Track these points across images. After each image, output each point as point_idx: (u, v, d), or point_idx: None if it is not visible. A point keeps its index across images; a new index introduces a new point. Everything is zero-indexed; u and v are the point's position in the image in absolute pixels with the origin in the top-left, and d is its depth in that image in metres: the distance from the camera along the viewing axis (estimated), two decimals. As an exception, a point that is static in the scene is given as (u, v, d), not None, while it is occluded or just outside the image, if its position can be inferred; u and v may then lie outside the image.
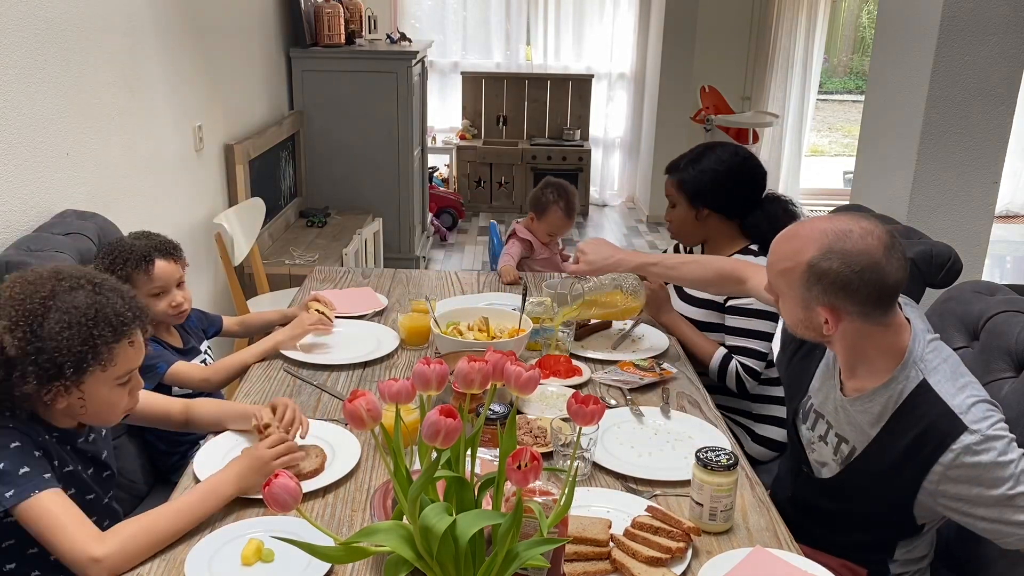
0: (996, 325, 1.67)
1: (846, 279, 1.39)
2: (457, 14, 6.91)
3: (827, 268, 1.39)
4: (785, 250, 1.47)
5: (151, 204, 2.86)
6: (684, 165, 2.22)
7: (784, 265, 1.46)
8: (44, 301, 1.34)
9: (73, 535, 1.27)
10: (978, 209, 2.77)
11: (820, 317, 1.44)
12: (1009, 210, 7.23)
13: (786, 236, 1.49)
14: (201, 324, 2.22)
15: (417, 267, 4.95)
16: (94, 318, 1.36)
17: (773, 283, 1.53)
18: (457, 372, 1.09)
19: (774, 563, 1.32)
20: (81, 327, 1.34)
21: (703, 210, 2.21)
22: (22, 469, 1.30)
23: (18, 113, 2.07)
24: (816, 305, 1.43)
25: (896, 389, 1.44)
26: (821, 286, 1.41)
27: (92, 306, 1.37)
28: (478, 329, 2.05)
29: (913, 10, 2.74)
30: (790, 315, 1.51)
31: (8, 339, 1.31)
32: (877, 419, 1.47)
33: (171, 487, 1.54)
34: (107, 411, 1.44)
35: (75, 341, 1.33)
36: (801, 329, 1.51)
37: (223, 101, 3.56)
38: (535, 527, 1.12)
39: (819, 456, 1.62)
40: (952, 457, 1.36)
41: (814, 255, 1.41)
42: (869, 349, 1.46)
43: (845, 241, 1.40)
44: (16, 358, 1.31)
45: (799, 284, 1.43)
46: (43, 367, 1.32)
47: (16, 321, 1.32)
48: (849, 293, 1.40)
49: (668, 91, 6.36)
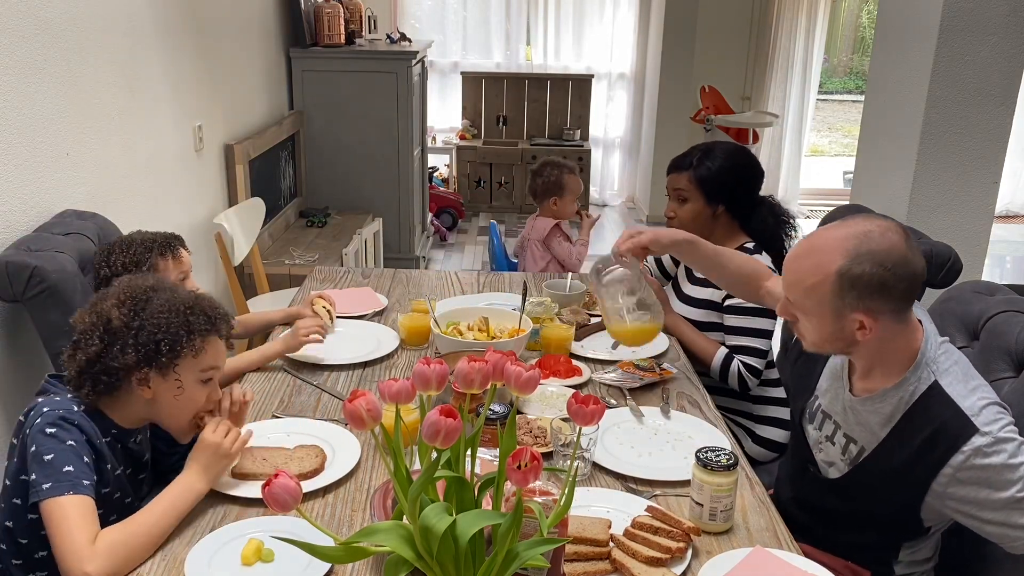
0: (996, 325, 1.66)
1: (881, 279, 1.36)
2: (457, 14, 6.91)
3: (860, 272, 1.36)
4: (807, 266, 1.43)
5: (151, 204, 2.86)
6: (698, 161, 2.21)
7: (811, 280, 1.41)
8: (148, 290, 1.49)
9: (75, 543, 1.27)
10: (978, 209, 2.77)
11: (853, 325, 1.40)
12: (1009, 210, 7.23)
13: (802, 253, 1.45)
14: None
15: (417, 267, 4.95)
16: (191, 308, 1.49)
17: (796, 302, 1.47)
18: (457, 372, 1.09)
19: (774, 563, 1.32)
20: (180, 313, 1.47)
21: (719, 207, 2.20)
22: (66, 467, 1.34)
23: (18, 113, 2.07)
24: (850, 313, 1.39)
25: (908, 390, 1.44)
26: (856, 292, 1.37)
27: (191, 298, 1.51)
28: (478, 329, 2.05)
29: (913, 10, 2.74)
30: (817, 332, 1.46)
31: (115, 312, 1.44)
32: (887, 420, 1.47)
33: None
34: (190, 407, 1.52)
35: (173, 324, 1.45)
36: (829, 344, 1.47)
37: (223, 101, 3.56)
38: (535, 527, 1.12)
39: (826, 456, 1.61)
40: (962, 459, 1.36)
41: (843, 263, 1.37)
42: (890, 351, 1.45)
43: (869, 242, 1.37)
44: (119, 330, 1.43)
45: (830, 296, 1.39)
46: (142, 343, 1.43)
47: (123, 300, 1.46)
48: (885, 292, 1.37)
49: (668, 91, 6.36)
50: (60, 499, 1.31)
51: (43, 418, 1.39)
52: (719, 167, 2.19)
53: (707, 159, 2.21)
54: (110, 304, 1.46)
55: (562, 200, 3.34)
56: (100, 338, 1.43)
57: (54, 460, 1.34)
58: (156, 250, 1.97)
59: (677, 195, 2.26)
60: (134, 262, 1.94)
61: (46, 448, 1.35)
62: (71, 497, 1.31)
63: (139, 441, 1.59)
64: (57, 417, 1.39)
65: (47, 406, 1.42)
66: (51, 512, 1.31)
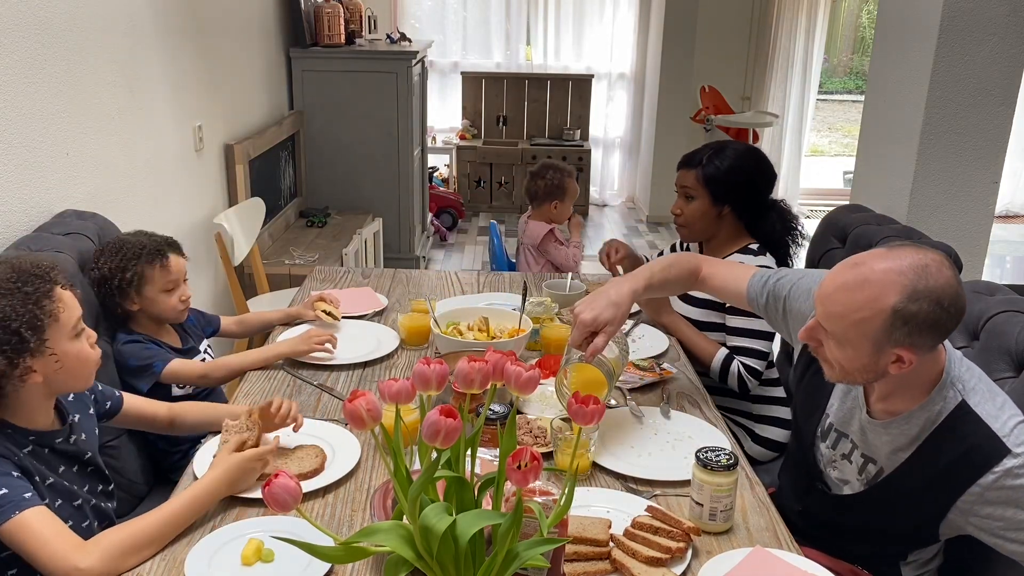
0: (996, 325, 1.66)
1: (936, 318, 1.31)
2: (457, 14, 6.91)
3: (916, 311, 1.30)
4: (859, 299, 1.34)
5: (151, 204, 2.86)
6: (707, 159, 2.19)
7: (860, 315, 1.34)
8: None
9: (55, 549, 1.25)
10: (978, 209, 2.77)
11: (890, 359, 1.35)
12: (1009, 210, 7.23)
13: (853, 285, 1.35)
14: (200, 324, 2.22)
15: (417, 267, 4.95)
16: (18, 279, 1.36)
17: (835, 332, 1.39)
18: (457, 372, 1.09)
19: (774, 563, 1.32)
20: (14, 292, 1.35)
21: (724, 207, 2.20)
22: (1, 491, 1.28)
23: (18, 113, 2.07)
24: (892, 348, 1.34)
25: (934, 410, 1.40)
26: (907, 329, 1.31)
27: (11, 270, 1.38)
28: (478, 329, 2.05)
29: (913, 10, 2.73)
30: (849, 362, 1.39)
31: None
32: (912, 440, 1.43)
33: (171, 487, 1.54)
34: (82, 366, 1.44)
35: (16, 304, 1.34)
36: (858, 375, 1.41)
37: (223, 101, 3.56)
38: (535, 527, 1.12)
39: (841, 474, 1.58)
40: (993, 479, 1.34)
41: (899, 300, 1.31)
42: (914, 377, 1.40)
43: (927, 278, 1.31)
44: None
45: (879, 331, 1.33)
46: (2, 342, 1.32)
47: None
48: (935, 330, 1.33)
49: (668, 91, 6.36)
50: (13, 520, 1.26)
51: None
52: (728, 167, 2.17)
53: (717, 158, 2.19)
54: None
55: (562, 204, 3.35)
56: None
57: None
58: (144, 258, 1.96)
59: (684, 192, 2.24)
60: (120, 267, 1.93)
61: None
62: (23, 514, 1.27)
63: (74, 441, 1.51)
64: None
65: None
66: (13, 535, 1.27)
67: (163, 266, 1.98)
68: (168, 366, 1.95)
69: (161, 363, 1.95)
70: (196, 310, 2.22)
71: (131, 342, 1.98)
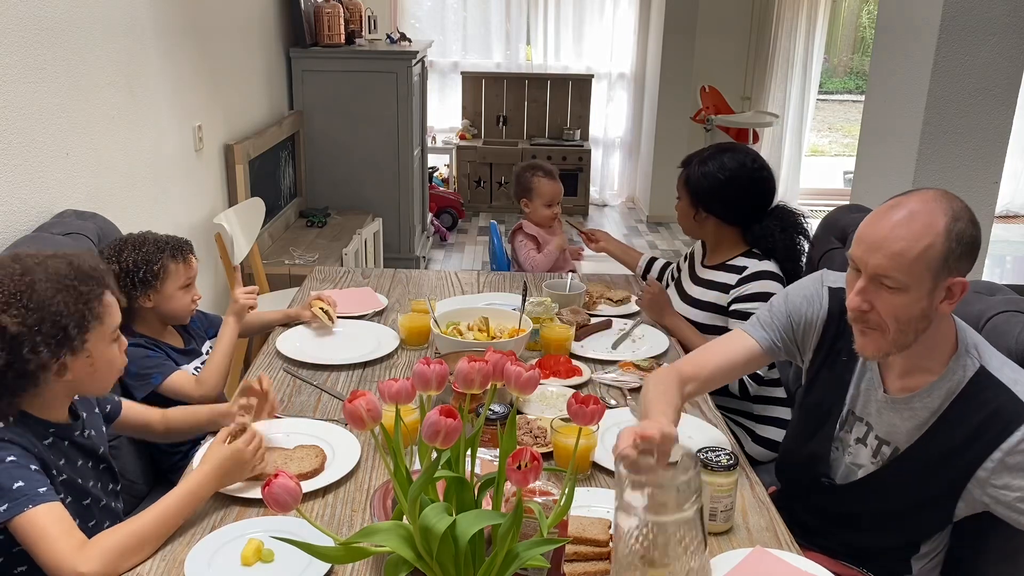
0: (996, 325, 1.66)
1: (973, 235, 1.34)
2: (457, 14, 6.91)
3: (963, 228, 1.33)
4: (916, 230, 1.32)
5: (151, 204, 2.86)
6: (694, 163, 2.22)
7: (923, 243, 1.31)
8: (22, 277, 1.36)
9: (60, 549, 1.25)
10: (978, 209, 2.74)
11: (941, 295, 1.35)
12: (1009, 210, 7.23)
13: (904, 220, 1.33)
14: (202, 325, 2.22)
15: (417, 267, 4.95)
16: (76, 277, 1.40)
17: (896, 279, 1.34)
18: (457, 372, 1.09)
19: (774, 563, 1.32)
20: (69, 288, 1.38)
21: (701, 211, 2.21)
22: (16, 484, 1.29)
23: (18, 113, 2.07)
24: (947, 276, 1.33)
25: (954, 380, 1.41)
26: (960, 250, 1.33)
27: (70, 268, 1.41)
28: (478, 329, 2.05)
29: (913, 10, 2.74)
30: (907, 309, 1.35)
31: (6, 318, 1.32)
32: (934, 412, 1.43)
33: (171, 487, 1.53)
34: (110, 371, 1.48)
35: (69, 301, 1.37)
36: (911, 327, 1.37)
37: (223, 101, 3.56)
38: (535, 527, 1.12)
39: (855, 459, 1.57)
40: (1015, 442, 1.34)
41: (948, 220, 1.32)
42: (938, 338, 1.41)
43: (952, 201, 1.35)
44: (21, 333, 1.33)
45: (939, 258, 1.32)
46: (50, 335, 1.35)
47: (6, 301, 1.34)
48: (973, 250, 1.35)
49: (668, 91, 6.36)
50: (25, 515, 1.27)
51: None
52: (705, 175, 2.18)
53: (703, 164, 2.20)
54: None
55: (531, 204, 3.14)
56: (1, 349, 1.33)
57: (2, 482, 1.28)
58: (168, 252, 1.98)
59: (677, 190, 2.28)
60: (145, 260, 1.94)
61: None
62: (35, 509, 1.28)
63: (89, 436, 1.53)
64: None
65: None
66: (23, 529, 1.27)
67: (185, 263, 2.01)
68: (168, 380, 1.95)
69: (160, 375, 1.94)
70: (199, 311, 2.22)
71: (134, 346, 1.98)
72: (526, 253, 3.09)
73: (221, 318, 2.29)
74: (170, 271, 1.97)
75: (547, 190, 3.12)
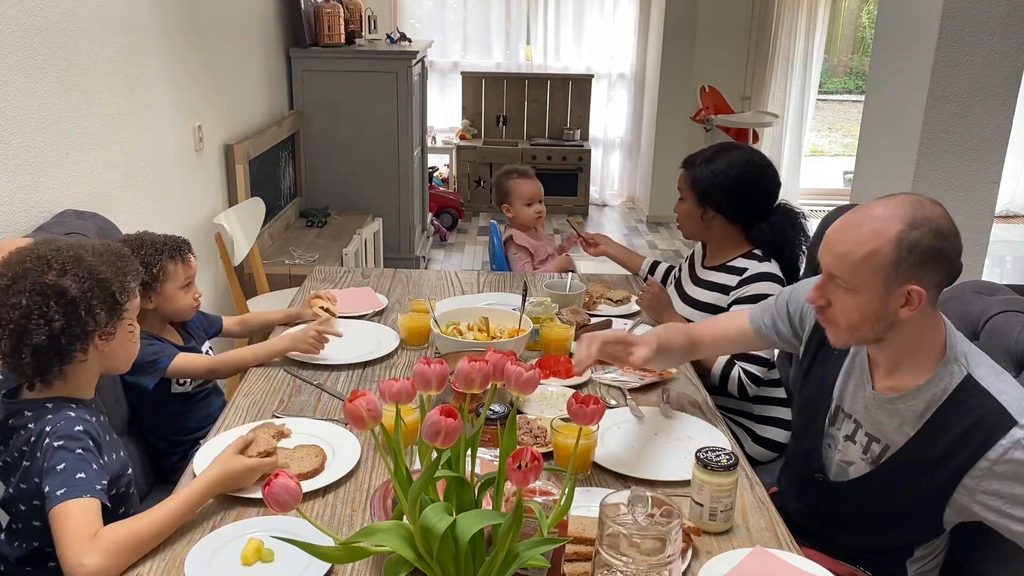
0: (996, 325, 1.66)
1: (938, 247, 1.34)
2: (457, 14, 6.91)
3: (919, 237, 1.33)
4: (863, 233, 1.37)
5: (151, 204, 2.86)
6: (699, 162, 2.21)
7: (868, 248, 1.35)
8: (67, 249, 1.45)
9: (74, 540, 1.28)
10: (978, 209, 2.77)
11: (900, 301, 1.36)
12: (1009, 210, 7.23)
13: (853, 224, 1.39)
14: (202, 325, 2.22)
15: (417, 267, 4.95)
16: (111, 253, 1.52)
17: (843, 278, 1.40)
18: (457, 372, 1.09)
19: (774, 563, 1.32)
20: (109, 263, 1.49)
21: (708, 211, 2.20)
22: (79, 475, 1.34)
23: (18, 113, 2.07)
24: (902, 284, 1.35)
25: (940, 386, 1.41)
26: (912, 259, 1.34)
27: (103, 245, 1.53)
28: (478, 329, 2.05)
29: (913, 10, 2.74)
30: (858, 311, 1.40)
31: (67, 281, 1.41)
32: (919, 416, 1.44)
33: (171, 487, 1.54)
34: (135, 347, 1.58)
35: (111, 272, 1.47)
36: (867, 326, 1.41)
37: (223, 101, 3.56)
38: (535, 527, 1.12)
39: (845, 456, 1.58)
40: (1001, 452, 1.34)
41: (902, 228, 1.34)
42: (921, 341, 1.42)
43: (923, 210, 1.35)
44: (80, 296, 1.41)
45: (886, 264, 1.35)
46: (103, 299, 1.44)
47: (64, 267, 1.42)
48: (938, 262, 1.35)
49: (668, 91, 6.36)
50: (68, 504, 1.31)
51: (50, 437, 1.39)
52: (714, 172, 2.17)
53: (709, 162, 2.19)
54: (52, 277, 1.40)
55: (512, 206, 3.11)
56: (59, 312, 1.39)
57: (67, 468, 1.35)
58: (167, 253, 1.97)
59: (679, 191, 2.27)
60: (144, 262, 1.93)
61: (58, 459, 1.36)
62: (81, 500, 1.32)
63: (104, 419, 1.58)
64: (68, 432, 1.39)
65: (49, 426, 1.41)
66: (60, 514, 1.31)
67: (184, 262, 2.01)
68: (174, 362, 1.95)
69: (167, 359, 1.94)
70: (198, 311, 2.22)
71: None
72: (521, 267, 3.09)
73: (220, 318, 2.29)
74: (169, 272, 1.97)
75: (524, 189, 3.10)
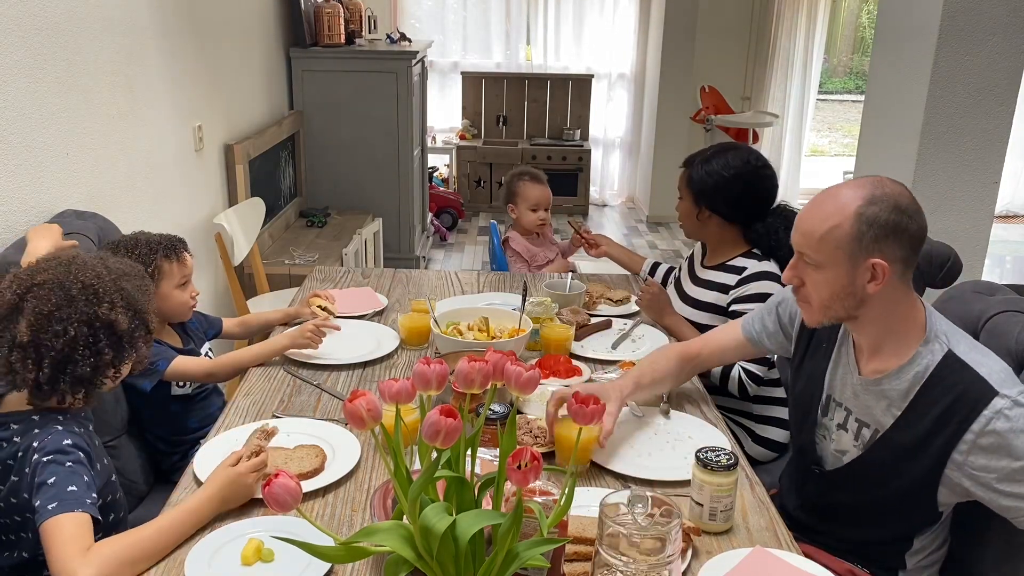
0: (996, 325, 1.66)
1: (897, 221, 1.39)
2: (457, 14, 6.91)
3: (876, 213, 1.38)
4: (825, 211, 1.43)
5: (151, 204, 2.86)
6: (697, 162, 2.22)
7: (829, 224, 1.41)
8: (109, 275, 1.46)
9: (66, 552, 1.26)
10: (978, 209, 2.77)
11: (866, 276, 1.41)
12: (1009, 210, 7.23)
13: (815, 204, 1.46)
14: (202, 326, 2.22)
15: (417, 267, 4.95)
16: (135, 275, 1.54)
17: (809, 255, 1.45)
18: (457, 372, 1.09)
19: (774, 563, 1.32)
20: (141, 288, 1.52)
21: (704, 211, 2.21)
22: (70, 487, 1.33)
23: (18, 113, 2.07)
24: (866, 258, 1.39)
25: (922, 364, 1.44)
26: (873, 232, 1.38)
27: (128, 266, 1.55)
28: (478, 329, 2.05)
29: (913, 10, 2.74)
30: (828, 287, 1.44)
31: (116, 315, 1.43)
32: (903, 396, 1.46)
33: (171, 487, 1.54)
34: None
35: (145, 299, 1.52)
36: (838, 303, 1.45)
37: (223, 101, 3.56)
38: (535, 527, 1.12)
39: (838, 445, 1.60)
40: (984, 423, 1.36)
41: (861, 203, 1.39)
42: (898, 321, 1.46)
43: (883, 187, 1.41)
44: (127, 330, 1.44)
45: (848, 239, 1.39)
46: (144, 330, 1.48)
47: (113, 299, 1.43)
48: (899, 235, 1.39)
49: (668, 91, 6.36)
50: (59, 517, 1.29)
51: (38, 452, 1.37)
52: (709, 173, 2.17)
53: (707, 163, 2.19)
54: (104, 310, 1.41)
55: (517, 209, 3.11)
56: (109, 346, 1.42)
57: (57, 481, 1.33)
58: (161, 252, 1.97)
59: (679, 191, 2.28)
60: (139, 262, 1.94)
61: (48, 473, 1.34)
62: (71, 514, 1.30)
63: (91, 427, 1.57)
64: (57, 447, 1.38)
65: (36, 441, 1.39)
66: (50, 528, 1.29)
67: (179, 261, 2.00)
68: (172, 364, 1.95)
69: (165, 361, 1.94)
70: (198, 312, 2.21)
71: None
72: (517, 269, 3.09)
73: (220, 319, 2.29)
74: (164, 271, 1.97)
75: (532, 194, 3.08)
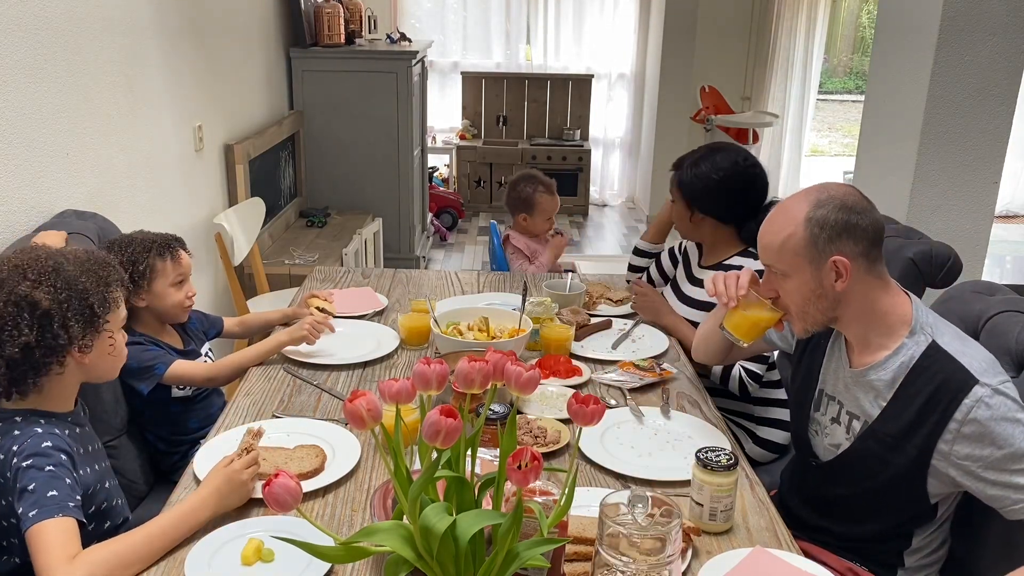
0: (996, 325, 1.66)
1: (845, 219, 1.45)
2: (457, 14, 6.91)
3: (825, 215, 1.45)
4: (778, 223, 1.51)
5: (151, 204, 2.86)
6: (686, 165, 2.22)
7: (784, 233, 1.49)
8: (47, 259, 1.43)
9: (53, 558, 1.24)
10: (978, 209, 2.77)
11: (831, 275, 1.46)
12: (1009, 210, 7.23)
13: (769, 218, 1.55)
14: (202, 326, 2.22)
15: (417, 267, 4.95)
16: (95, 263, 1.50)
17: (775, 267, 1.53)
18: (457, 372, 1.09)
19: (774, 563, 1.33)
20: (92, 272, 1.47)
21: (697, 213, 2.21)
22: (51, 492, 1.31)
23: (18, 113, 2.07)
24: (826, 259, 1.45)
25: (907, 354, 1.47)
26: (825, 234, 1.45)
27: (88, 255, 1.51)
28: (478, 329, 2.05)
29: (913, 10, 2.74)
30: (799, 293, 1.50)
31: (38, 293, 1.39)
32: (889, 386, 1.49)
33: (171, 487, 1.54)
34: (120, 357, 1.55)
35: (93, 283, 1.46)
36: (813, 306, 1.50)
37: (223, 101, 3.56)
38: (535, 527, 1.12)
39: (832, 439, 1.62)
40: (966, 412, 1.38)
41: (808, 209, 1.47)
42: (880, 314, 1.49)
43: (827, 190, 1.49)
44: (52, 309, 1.39)
45: (804, 244, 1.46)
46: (78, 311, 1.42)
47: (38, 278, 1.40)
48: (851, 232, 1.45)
49: (668, 91, 6.36)
50: (43, 523, 1.27)
51: (17, 457, 1.35)
52: (698, 176, 2.17)
53: (696, 166, 2.19)
54: (25, 288, 1.38)
55: (531, 219, 3.11)
56: (31, 325, 1.37)
57: (37, 487, 1.31)
58: (155, 251, 1.97)
59: (670, 193, 2.28)
60: (131, 261, 1.94)
61: (28, 479, 1.32)
62: (55, 519, 1.28)
63: (88, 429, 1.57)
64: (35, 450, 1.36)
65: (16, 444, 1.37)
66: (35, 535, 1.27)
67: (174, 259, 2.00)
68: (171, 368, 1.95)
69: (163, 365, 1.94)
70: (198, 312, 2.22)
71: (132, 343, 1.98)
72: (518, 265, 3.09)
73: (221, 319, 2.29)
74: (158, 269, 1.96)
75: (550, 206, 3.13)
